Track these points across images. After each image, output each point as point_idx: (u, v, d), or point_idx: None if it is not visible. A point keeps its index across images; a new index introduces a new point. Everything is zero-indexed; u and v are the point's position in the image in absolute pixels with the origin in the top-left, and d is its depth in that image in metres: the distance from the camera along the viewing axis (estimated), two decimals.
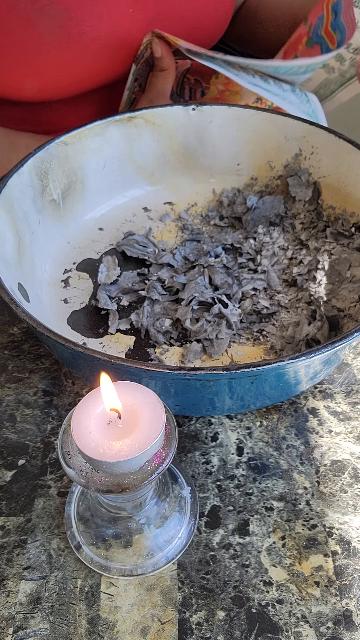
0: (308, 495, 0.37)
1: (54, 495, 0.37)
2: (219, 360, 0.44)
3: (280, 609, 0.32)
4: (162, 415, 0.28)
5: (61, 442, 0.29)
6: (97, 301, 0.48)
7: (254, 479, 0.38)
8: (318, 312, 0.44)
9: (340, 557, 0.34)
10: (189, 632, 0.31)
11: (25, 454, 0.39)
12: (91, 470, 0.28)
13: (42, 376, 0.44)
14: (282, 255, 0.51)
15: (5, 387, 0.43)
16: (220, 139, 0.57)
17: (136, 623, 0.32)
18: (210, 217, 0.56)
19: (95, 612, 0.32)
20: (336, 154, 0.51)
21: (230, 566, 0.34)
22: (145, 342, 0.45)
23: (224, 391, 0.36)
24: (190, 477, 0.38)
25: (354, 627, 0.32)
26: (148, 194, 0.58)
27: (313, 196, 0.54)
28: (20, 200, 0.47)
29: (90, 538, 0.34)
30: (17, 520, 0.36)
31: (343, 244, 0.50)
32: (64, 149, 0.51)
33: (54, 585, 0.33)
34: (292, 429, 0.41)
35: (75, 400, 0.42)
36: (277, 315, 0.47)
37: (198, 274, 0.48)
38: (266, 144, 0.56)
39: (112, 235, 0.55)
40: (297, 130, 0.53)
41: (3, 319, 0.49)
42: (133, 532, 0.34)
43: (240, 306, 0.47)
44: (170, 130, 0.56)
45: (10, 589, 0.33)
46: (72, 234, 0.54)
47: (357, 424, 0.41)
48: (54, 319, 0.46)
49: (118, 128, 0.54)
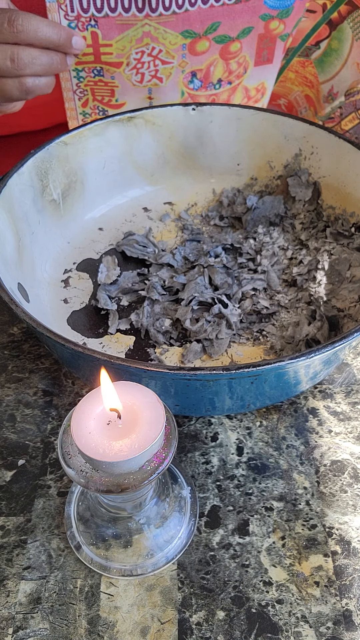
0: (308, 495, 0.37)
1: (54, 495, 0.37)
2: (219, 360, 0.44)
3: (280, 609, 0.32)
4: (162, 415, 0.28)
5: (61, 442, 0.29)
6: (97, 301, 0.48)
7: (254, 479, 0.38)
8: (318, 312, 0.44)
9: (340, 557, 0.34)
10: (189, 632, 0.31)
11: (25, 454, 0.39)
12: (91, 470, 0.28)
13: (42, 376, 0.44)
14: (282, 255, 0.51)
15: (5, 387, 0.43)
16: (220, 139, 0.57)
17: (136, 623, 0.32)
18: (210, 217, 0.56)
19: (95, 612, 0.32)
20: (336, 154, 0.51)
21: (230, 566, 0.34)
22: (145, 342, 0.45)
23: (224, 391, 0.36)
24: (190, 477, 0.38)
25: (353, 627, 0.32)
26: (148, 194, 0.58)
27: (313, 196, 0.54)
28: (20, 200, 0.47)
29: (90, 538, 0.34)
30: (17, 520, 0.36)
31: (343, 244, 0.50)
32: (64, 149, 0.51)
33: (54, 585, 0.33)
34: (292, 429, 0.41)
35: (75, 400, 0.42)
36: (277, 315, 0.47)
37: (198, 274, 0.48)
38: (266, 144, 0.56)
39: (112, 235, 0.55)
40: (297, 130, 0.53)
41: (3, 319, 0.49)
42: (133, 532, 0.34)
43: (240, 306, 0.47)
44: (170, 130, 0.56)
45: (10, 589, 0.33)
46: (72, 234, 0.54)
47: (357, 424, 0.41)
48: (54, 319, 0.46)
49: (118, 128, 0.54)
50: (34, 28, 0.45)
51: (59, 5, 0.49)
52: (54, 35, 0.46)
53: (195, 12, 0.52)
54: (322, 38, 0.64)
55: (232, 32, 0.55)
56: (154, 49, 0.53)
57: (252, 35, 0.56)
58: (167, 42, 0.53)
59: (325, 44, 0.65)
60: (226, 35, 0.55)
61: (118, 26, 0.51)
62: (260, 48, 0.58)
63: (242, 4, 0.53)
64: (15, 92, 0.46)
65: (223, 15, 0.53)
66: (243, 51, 0.57)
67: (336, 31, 0.63)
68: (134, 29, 0.52)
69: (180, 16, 0.52)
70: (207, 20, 0.53)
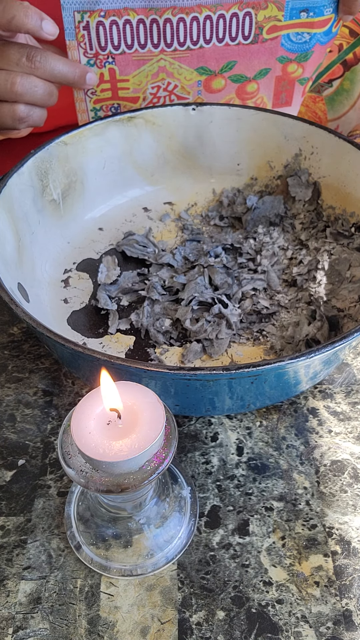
0: (308, 495, 0.37)
1: (54, 495, 0.37)
2: (219, 360, 0.44)
3: (280, 609, 0.32)
4: (162, 415, 0.28)
5: (61, 442, 0.29)
6: (97, 301, 0.48)
7: (254, 479, 0.38)
8: (318, 312, 0.44)
9: (340, 557, 0.34)
10: (189, 632, 0.31)
11: (25, 454, 0.39)
12: (91, 470, 0.28)
13: (42, 376, 0.44)
14: (282, 255, 0.51)
15: (5, 387, 0.43)
16: (220, 139, 0.57)
17: (136, 623, 0.32)
18: (210, 217, 0.56)
19: (95, 612, 0.32)
20: (336, 154, 0.51)
21: (230, 566, 0.34)
22: (145, 342, 0.45)
23: (224, 391, 0.36)
24: (190, 477, 0.38)
25: (353, 627, 0.32)
26: (148, 194, 0.58)
27: (313, 196, 0.54)
28: (20, 200, 0.47)
29: (90, 538, 0.34)
30: (17, 520, 0.36)
31: (343, 244, 0.50)
32: (64, 149, 0.51)
33: (54, 585, 0.33)
34: (292, 429, 0.41)
35: (75, 400, 0.42)
36: (277, 315, 0.47)
37: (198, 274, 0.48)
38: (266, 144, 0.56)
39: (112, 235, 0.55)
40: (297, 130, 0.53)
41: (3, 319, 0.49)
42: (133, 532, 0.34)
43: (240, 306, 0.47)
44: (170, 130, 0.56)
45: (10, 589, 0.33)
46: (72, 234, 0.54)
47: (357, 424, 0.41)
48: (54, 319, 0.46)
49: (118, 128, 0.54)
50: (50, 66, 0.46)
51: (78, 43, 0.50)
52: (70, 74, 0.48)
53: (210, 50, 0.53)
54: (336, 77, 0.65)
55: (249, 72, 0.55)
56: (170, 84, 0.55)
57: (269, 77, 0.56)
58: (182, 78, 0.54)
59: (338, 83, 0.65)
60: (242, 75, 0.55)
61: (135, 62, 0.52)
62: (278, 90, 0.58)
63: (259, 45, 0.53)
64: (7, 119, 0.47)
65: (239, 55, 0.54)
66: (260, 92, 0.57)
67: (350, 72, 0.64)
68: (150, 64, 0.53)
69: (195, 52, 0.53)
70: (223, 58, 0.53)
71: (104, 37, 0.50)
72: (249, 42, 0.53)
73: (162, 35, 0.51)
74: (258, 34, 0.52)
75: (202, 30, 0.51)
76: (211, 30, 0.52)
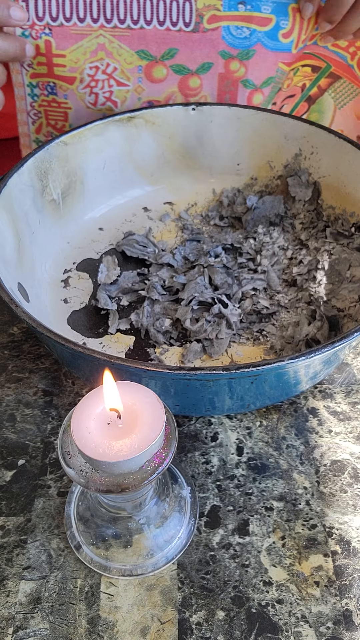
0: (308, 495, 0.37)
1: (54, 495, 0.37)
2: (219, 360, 0.44)
3: (280, 609, 0.32)
4: (162, 415, 0.28)
5: (61, 442, 0.29)
6: (97, 301, 0.48)
7: (254, 479, 0.38)
8: (318, 312, 0.44)
9: (340, 557, 0.34)
10: (189, 632, 0.31)
11: (25, 454, 0.39)
12: (91, 470, 0.28)
13: (42, 376, 0.44)
14: (282, 255, 0.51)
15: (5, 387, 0.43)
16: (220, 139, 0.57)
17: (136, 623, 0.32)
18: (210, 217, 0.56)
19: (95, 612, 0.32)
20: (336, 154, 0.51)
21: (230, 566, 0.34)
22: (145, 342, 0.45)
23: (224, 391, 0.36)
24: (190, 477, 0.38)
25: (353, 627, 0.32)
26: (148, 194, 0.58)
27: (313, 196, 0.54)
28: (20, 200, 0.47)
29: (90, 538, 0.34)
30: (17, 520, 0.36)
31: (343, 244, 0.50)
32: (64, 148, 0.51)
33: (54, 585, 0.33)
34: (292, 429, 0.41)
35: (75, 400, 0.42)
36: (277, 315, 0.47)
37: (198, 274, 0.48)
38: (266, 144, 0.56)
39: (112, 235, 0.55)
40: (297, 130, 0.53)
41: (3, 319, 0.49)
42: (133, 532, 0.34)
43: (240, 306, 0.47)
44: (170, 130, 0.56)
45: (10, 589, 0.33)
46: (72, 234, 0.54)
47: (357, 424, 0.41)
48: (54, 319, 0.46)
49: (118, 128, 0.54)
50: None
51: None
52: (11, 49, 0.48)
53: (151, 32, 0.52)
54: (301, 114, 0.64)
55: (191, 64, 0.54)
56: (109, 65, 0.53)
57: (212, 73, 0.55)
58: (122, 60, 0.53)
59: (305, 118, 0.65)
60: (184, 66, 0.54)
61: (72, 36, 0.51)
62: (222, 90, 0.57)
63: (200, 34, 0.52)
64: None
65: (180, 42, 0.53)
66: (203, 90, 0.56)
67: (315, 104, 0.63)
68: (88, 39, 0.52)
69: (135, 33, 0.52)
70: (164, 44, 0.53)
71: (42, 8, 0.49)
72: (190, 30, 0.52)
73: (102, 9, 0.50)
74: (199, 22, 0.52)
75: (142, 10, 0.51)
76: (152, 11, 0.51)
